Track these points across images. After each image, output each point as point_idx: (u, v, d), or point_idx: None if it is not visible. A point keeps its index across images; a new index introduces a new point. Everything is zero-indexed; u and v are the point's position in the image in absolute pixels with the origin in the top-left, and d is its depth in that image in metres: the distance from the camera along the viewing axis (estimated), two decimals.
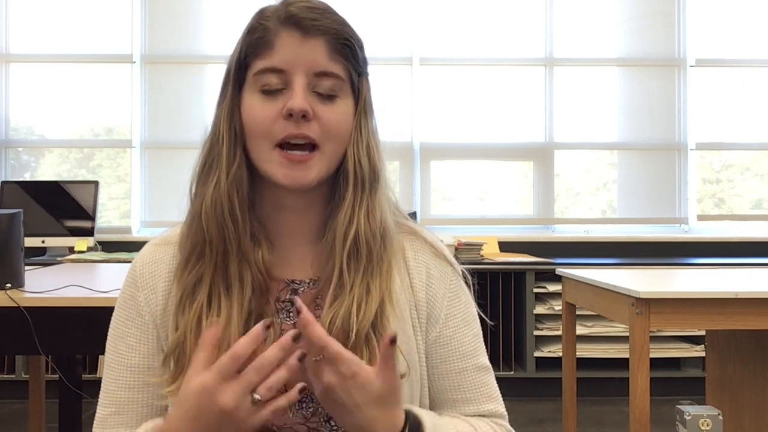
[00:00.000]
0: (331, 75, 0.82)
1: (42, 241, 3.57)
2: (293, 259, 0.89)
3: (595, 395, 3.49)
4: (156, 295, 0.87)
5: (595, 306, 2.23)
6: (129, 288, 0.89)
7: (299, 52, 0.80)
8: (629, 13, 4.23)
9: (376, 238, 0.85)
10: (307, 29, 0.80)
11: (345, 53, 0.83)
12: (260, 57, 0.81)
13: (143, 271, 0.88)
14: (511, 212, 4.21)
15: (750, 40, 4.22)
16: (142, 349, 0.87)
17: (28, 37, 4.11)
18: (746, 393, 2.40)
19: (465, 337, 0.92)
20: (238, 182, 0.82)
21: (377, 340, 0.81)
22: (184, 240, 0.86)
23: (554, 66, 4.18)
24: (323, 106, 0.81)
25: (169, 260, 0.88)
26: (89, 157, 4.23)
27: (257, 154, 0.82)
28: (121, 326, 0.88)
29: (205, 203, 0.82)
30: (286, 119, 0.80)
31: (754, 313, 1.87)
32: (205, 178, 0.84)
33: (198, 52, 4.10)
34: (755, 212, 4.30)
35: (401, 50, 4.10)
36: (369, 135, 0.86)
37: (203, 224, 0.82)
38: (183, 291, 0.83)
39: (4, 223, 1.72)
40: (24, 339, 1.65)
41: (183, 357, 0.80)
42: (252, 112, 0.82)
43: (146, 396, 0.87)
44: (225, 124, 0.83)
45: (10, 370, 3.54)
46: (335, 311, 0.82)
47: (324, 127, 0.81)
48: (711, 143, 4.24)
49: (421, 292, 0.90)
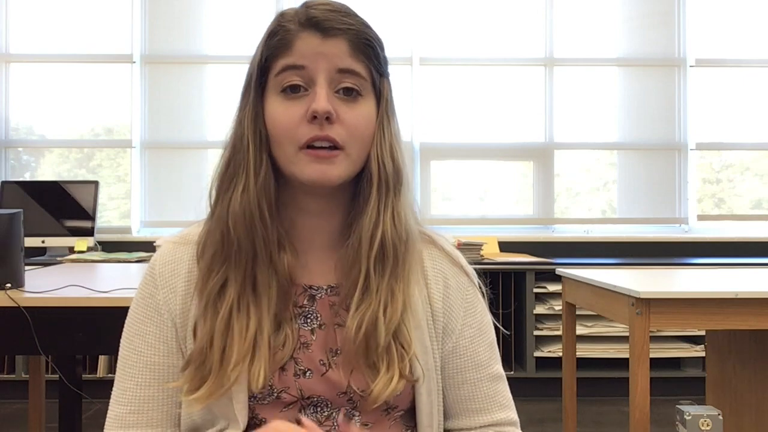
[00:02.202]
0: (353, 73, 0.81)
1: (42, 241, 3.57)
2: (313, 263, 0.88)
3: (595, 395, 3.49)
4: (175, 295, 0.86)
5: (595, 306, 2.23)
6: (148, 286, 0.88)
7: (320, 49, 0.80)
8: (629, 13, 4.23)
9: (402, 240, 0.85)
10: (327, 30, 0.80)
11: (367, 53, 0.82)
12: (280, 57, 0.81)
13: (163, 270, 0.87)
14: (511, 212, 4.21)
15: (750, 40, 4.22)
16: (161, 348, 0.86)
17: (28, 37, 4.11)
18: (746, 393, 2.40)
19: (480, 347, 0.92)
20: (267, 188, 0.82)
21: (396, 349, 0.82)
22: (207, 245, 0.85)
23: (554, 66, 4.18)
24: (346, 108, 0.81)
25: (189, 259, 0.87)
26: (89, 157, 4.23)
27: (283, 157, 0.82)
28: (139, 324, 0.87)
29: (232, 208, 0.81)
30: (310, 122, 0.79)
31: (754, 313, 1.87)
32: (229, 183, 0.83)
33: (198, 52, 4.10)
34: (755, 212, 4.30)
35: (401, 50, 4.10)
36: (392, 136, 0.85)
37: (231, 229, 0.81)
38: (208, 296, 0.82)
39: (4, 223, 1.72)
40: (24, 339, 1.65)
41: (206, 364, 0.80)
42: (276, 116, 0.81)
43: (165, 396, 0.86)
44: (249, 129, 0.82)
45: (10, 370, 3.54)
46: (362, 315, 0.81)
47: (348, 129, 0.81)
48: (711, 143, 4.24)
49: (438, 303, 0.90)
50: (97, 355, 3.50)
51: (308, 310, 0.87)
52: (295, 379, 0.83)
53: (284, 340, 0.83)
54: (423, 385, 0.86)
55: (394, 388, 0.81)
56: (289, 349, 0.83)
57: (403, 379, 0.82)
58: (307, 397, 0.84)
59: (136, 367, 0.86)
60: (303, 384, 0.84)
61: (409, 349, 0.83)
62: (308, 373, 0.84)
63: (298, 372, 0.84)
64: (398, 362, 0.82)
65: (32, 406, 2.60)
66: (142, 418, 0.85)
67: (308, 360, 0.84)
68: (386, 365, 0.81)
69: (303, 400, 0.84)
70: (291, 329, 0.84)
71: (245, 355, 0.79)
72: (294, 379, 0.83)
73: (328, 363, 0.84)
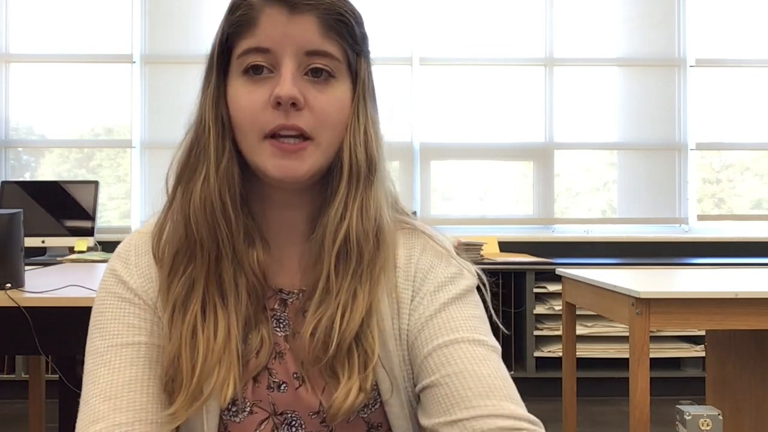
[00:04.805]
0: (324, 54, 0.72)
1: (42, 241, 3.57)
2: (285, 260, 0.80)
3: (595, 395, 3.49)
4: (153, 285, 0.76)
5: (595, 306, 2.23)
6: (119, 273, 0.78)
7: (286, 29, 0.70)
8: (629, 13, 4.22)
9: (369, 238, 0.76)
10: (294, 5, 0.70)
11: (340, 30, 0.73)
12: (243, 37, 0.72)
13: (139, 261, 0.78)
14: (511, 212, 4.21)
15: (750, 40, 4.21)
16: (146, 327, 0.75)
17: (28, 37, 4.11)
18: (746, 393, 2.40)
19: (455, 314, 0.76)
20: (229, 177, 0.74)
21: (358, 356, 0.73)
22: (167, 242, 0.76)
23: (554, 66, 4.18)
24: (316, 92, 0.72)
25: None
26: (89, 157, 4.23)
27: (246, 146, 0.74)
28: (113, 310, 0.76)
29: (193, 201, 0.73)
30: (274, 108, 0.71)
31: (754, 313, 1.87)
32: (191, 174, 0.75)
33: (198, 52, 4.08)
34: (755, 212, 4.29)
35: (401, 50, 4.10)
36: (368, 121, 0.76)
37: (193, 225, 0.73)
38: (174, 302, 0.74)
39: (4, 223, 1.72)
40: (24, 339, 1.65)
41: (179, 375, 0.72)
42: (238, 101, 0.73)
43: (154, 376, 0.73)
44: (210, 114, 0.74)
45: (10, 370, 3.54)
46: (318, 319, 0.74)
47: (317, 115, 0.72)
48: (711, 143, 4.24)
49: (406, 292, 0.79)
50: None
51: (280, 315, 0.79)
52: (269, 392, 0.75)
53: (259, 345, 0.75)
54: (393, 395, 0.76)
55: (353, 399, 0.71)
56: (264, 356, 0.75)
57: (362, 391, 0.72)
58: (280, 413, 0.75)
59: (114, 349, 0.73)
60: (277, 398, 0.75)
61: (373, 355, 0.73)
62: (283, 386, 0.76)
63: (272, 384, 0.76)
64: (359, 371, 0.72)
65: (32, 406, 2.59)
66: (118, 403, 0.70)
67: (283, 372, 0.76)
68: (347, 375, 0.72)
69: (275, 417, 0.75)
70: (267, 333, 0.76)
71: (214, 366, 0.71)
72: (267, 393, 0.75)
73: (301, 377, 0.76)
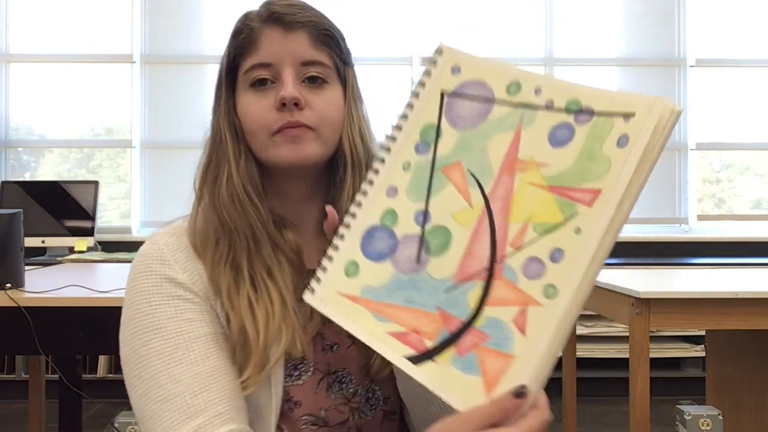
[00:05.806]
0: (317, 63, 0.84)
1: (42, 241, 3.56)
2: (307, 247, 0.87)
3: (595, 395, 3.49)
4: (200, 276, 0.82)
5: (595, 306, 2.23)
6: (162, 272, 0.81)
7: (283, 45, 0.83)
8: (629, 13, 4.23)
9: None
10: (288, 24, 0.83)
11: (327, 42, 0.85)
12: (247, 56, 0.84)
13: (177, 257, 0.82)
14: None
15: (750, 40, 4.21)
16: (205, 318, 0.80)
17: (28, 37, 4.11)
18: (746, 393, 2.40)
19: None
20: (250, 174, 0.84)
21: None
22: (206, 236, 0.83)
23: (554, 66, 4.17)
24: (313, 95, 0.83)
25: (187, 247, 0.84)
26: (89, 157, 4.23)
27: (257, 145, 0.84)
28: (166, 309, 0.79)
29: (221, 197, 0.83)
30: (279, 110, 0.82)
31: (754, 313, 1.87)
32: (214, 177, 0.85)
33: (198, 52, 4.10)
34: (755, 212, 4.29)
35: (401, 50, 4.10)
36: (360, 120, 0.88)
37: (225, 216, 0.82)
38: (228, 284, 0.80)
39: (4, 223, 1.72)
40: (24, 339, 1.65)
41: (247, 343, 0.78)
42: (247, 109, 0.84)
43: (230, 362, 0.78)
44: (225, 124, 0.85)
45: (10, 370, 3.54)
46: None
47: (317, 113, 0.83)
48: (711, 143, 4.24)
49: None
50: (97, 355, 3.50)
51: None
52: (323, 353, 0.85)
53: (310, 310, 0.78)
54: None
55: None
56: (317, 318, 0.82)
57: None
58: (333, 371, 0.85)
59: (182, 347, 0.76)
60: (330, 359, 0.85)
61: None
62: (335, 347, 0.85)
63: (326, 347, 0.85)
64: None
65: (32, 406, 2.60)
66: (212, 396, 0.74)
67: (334, 333, 0.85)
68: None
69: (329, 376, 0.85)
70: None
71: (278, 329, 0.79)
72: (322, 354, 0.85)
73: (351, 336, 0.80)
